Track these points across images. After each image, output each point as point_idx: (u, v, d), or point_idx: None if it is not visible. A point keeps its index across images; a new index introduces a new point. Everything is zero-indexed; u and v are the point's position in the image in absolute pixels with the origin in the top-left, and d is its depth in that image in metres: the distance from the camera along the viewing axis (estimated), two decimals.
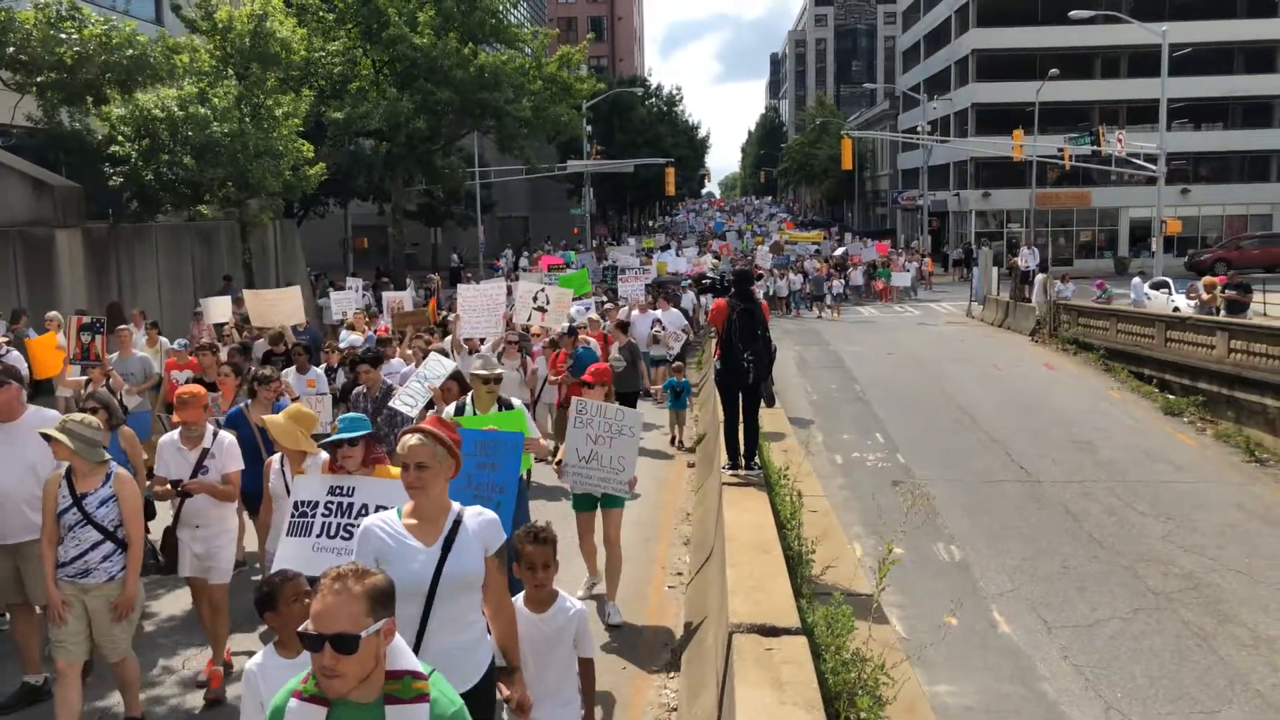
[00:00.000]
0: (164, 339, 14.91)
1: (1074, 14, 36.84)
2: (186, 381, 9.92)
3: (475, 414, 7.69)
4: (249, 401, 8.61)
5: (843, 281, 44.01)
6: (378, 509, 4.80)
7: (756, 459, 9.47)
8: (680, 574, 9.51)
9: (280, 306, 15.94)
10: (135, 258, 22.47)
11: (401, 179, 38.59)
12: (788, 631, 5.58)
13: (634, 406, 14.19)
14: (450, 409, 7.99)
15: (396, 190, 38.40)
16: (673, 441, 15.47)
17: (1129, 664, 9.53)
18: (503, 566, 4.38)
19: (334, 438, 5.43)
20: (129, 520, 6.00)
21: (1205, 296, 23.34)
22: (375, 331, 16.92)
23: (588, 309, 19.95)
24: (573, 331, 14.63)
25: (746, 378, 9.08)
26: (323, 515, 5.31)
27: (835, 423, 19.65)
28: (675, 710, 6.72)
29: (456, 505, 4.27)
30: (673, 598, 8.92)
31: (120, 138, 20.39)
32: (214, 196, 22.58)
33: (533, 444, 7.60)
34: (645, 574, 9.54)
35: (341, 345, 14.95)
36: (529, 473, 8.85)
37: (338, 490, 5.33)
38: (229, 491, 6.91)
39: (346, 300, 21.89)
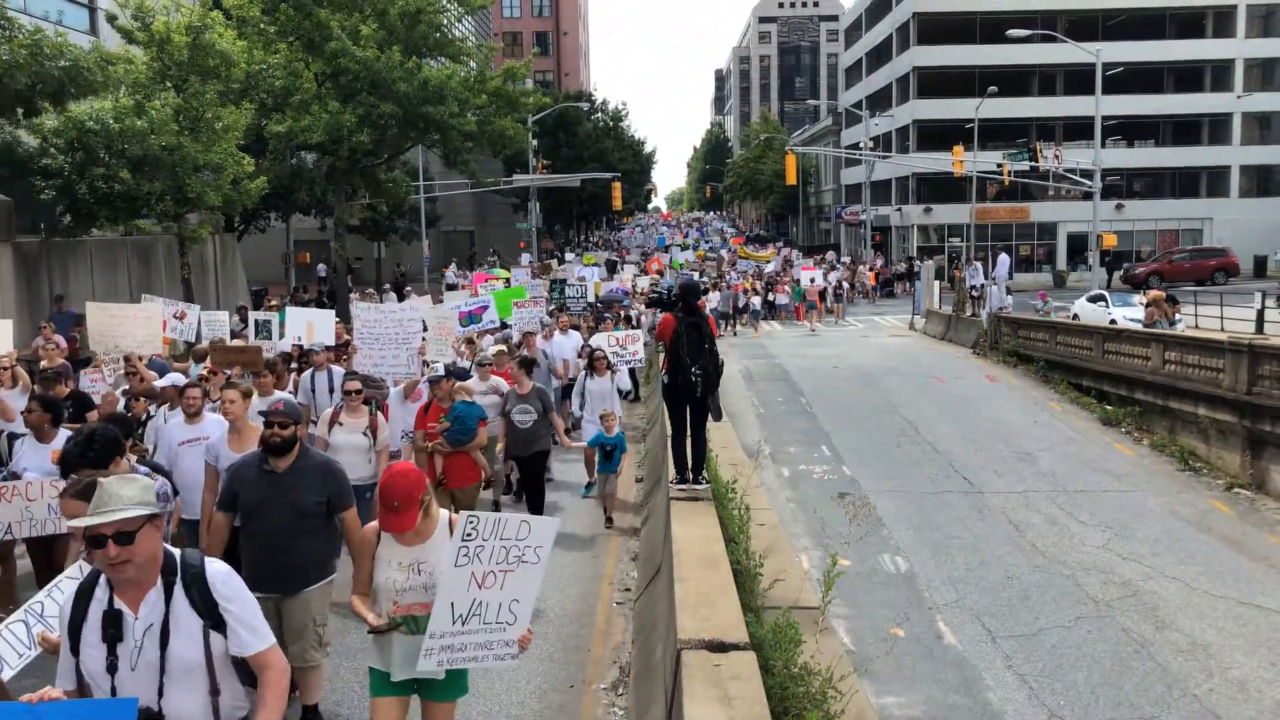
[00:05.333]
0: None
1: (1012, 33, 37.58)
2: None
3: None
4: None
5: (761, 298, 42.80)
6: None
7: (704, 473, 9.45)
8: (628, 590, 9.45)
9: (131, 329, 12.49)
10: (69, 273, 21.95)
11: (344, 193, 38.14)
12: (736, 647, 5.55)
13: (544, 467, 11.76)
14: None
15: (339, 204, 37.95)
16: (608, 523, 11.59)
17: (1071, 672, 9.66)
18: None
19: None
20: None
21: (1166, 310, 23.68)
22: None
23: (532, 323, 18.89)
24: (452, 374, 10.32)
25: (694, 391, 9.06)
26: None
27: (782, 436, 19.75)
28: None
29: None
30: (620, 614, 8.86)
31: (53, 150, 19.91)
32: (152, 210, 22.13)
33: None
34: (593, 590, 9.48)
35: (167, 384, 9.87)
36: None
37: None
38: None
39: (218, 323, 17.14)
